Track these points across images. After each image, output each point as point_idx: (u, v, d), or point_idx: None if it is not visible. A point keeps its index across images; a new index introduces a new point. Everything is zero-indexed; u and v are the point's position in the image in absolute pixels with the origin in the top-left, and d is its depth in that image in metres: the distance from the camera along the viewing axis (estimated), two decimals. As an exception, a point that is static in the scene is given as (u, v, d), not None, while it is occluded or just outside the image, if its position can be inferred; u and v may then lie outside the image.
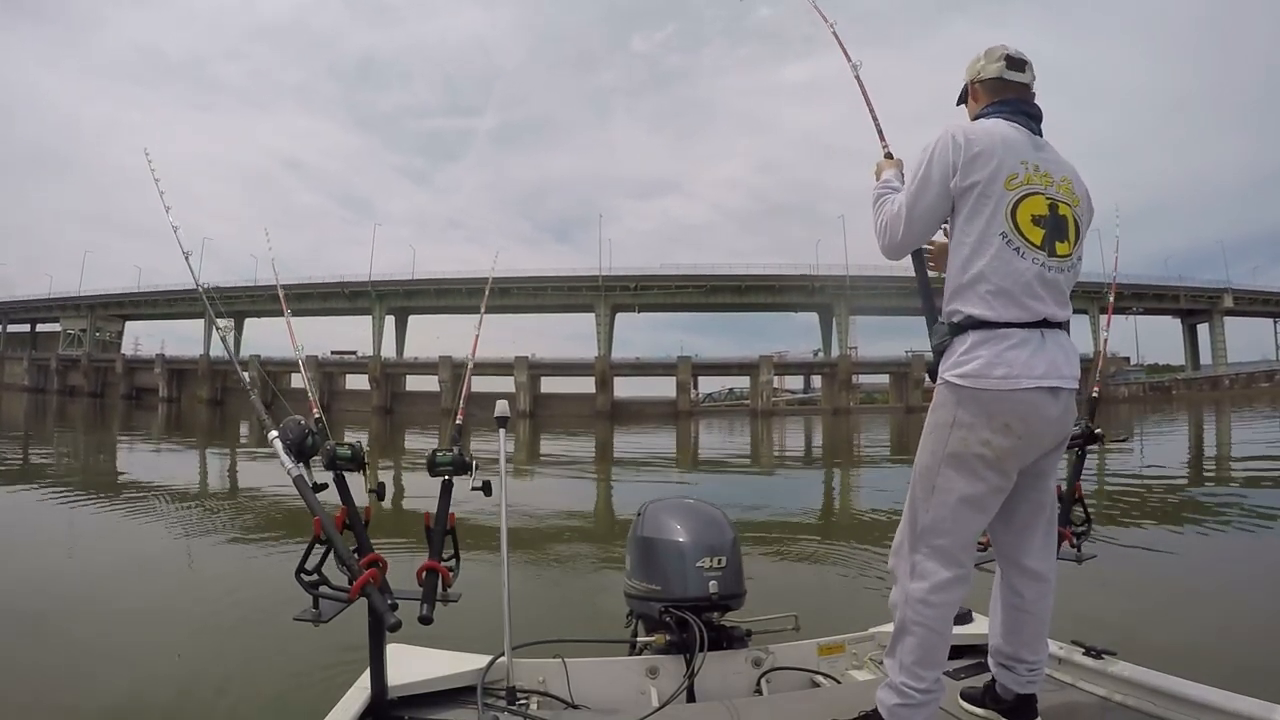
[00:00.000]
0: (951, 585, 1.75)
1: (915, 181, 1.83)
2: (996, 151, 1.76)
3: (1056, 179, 1.80)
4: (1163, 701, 1.91)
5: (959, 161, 1.75)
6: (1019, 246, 1.73)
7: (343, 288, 67.26)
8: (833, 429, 38.87)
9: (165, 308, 72.55)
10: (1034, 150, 1.81)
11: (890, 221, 1.88)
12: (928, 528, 1.77)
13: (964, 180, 1.75)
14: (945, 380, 1.76)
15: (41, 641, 4.55)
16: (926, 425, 1.82)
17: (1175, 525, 8.59)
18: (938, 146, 1.79)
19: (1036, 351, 1.71)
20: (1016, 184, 1.75)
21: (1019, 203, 1.75)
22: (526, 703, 2.12)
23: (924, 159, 1.81)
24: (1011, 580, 1.91)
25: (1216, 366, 63.71)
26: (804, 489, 14.91)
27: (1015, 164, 1.76)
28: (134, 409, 56.81)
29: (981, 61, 1.96)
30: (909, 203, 1.84)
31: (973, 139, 1.77)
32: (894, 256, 1.94)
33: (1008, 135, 1.80)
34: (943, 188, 1.78)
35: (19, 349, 79.01)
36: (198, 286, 2.26)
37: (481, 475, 2.10)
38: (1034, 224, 1.75)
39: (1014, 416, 1.70)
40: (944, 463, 1.75)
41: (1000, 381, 1.68)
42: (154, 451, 21.47)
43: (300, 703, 2.19)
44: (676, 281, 63.65)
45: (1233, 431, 26.37)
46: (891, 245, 1.91)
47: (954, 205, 1.80)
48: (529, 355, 60.42)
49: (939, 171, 1.78)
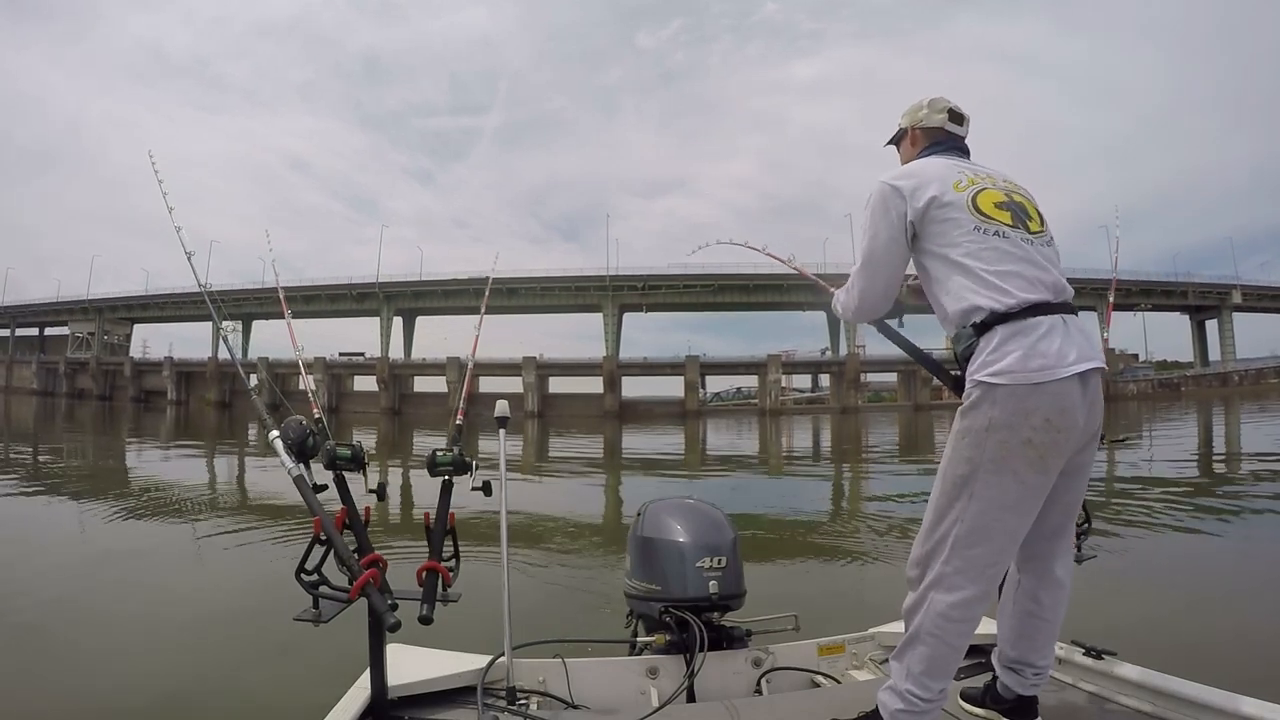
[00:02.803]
0: (977, 602, 1.68)
1: (865, 234, 1.88)
2: (936, 174, 1.83)
3: (999, 180, 1.86)
4: (1163, 702, 1.90)
5: (904, 195, 1.81)
6: (996, 229, 1.75)
7: (350, 289, 67.55)
8: (841, 428, 38.74)
9: (173, 310, 73.07)
10: (968, 165, 1.90)
11: (855, 277, 1.95)
12: (962, 538, 1.67)
13: (918, 202, 1.79)
14: (978, 381, 1.67)
15: (41, 642, 4.59)
16: (956, 430, 1.72)
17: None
18: (876, 198, 1.85)
19: (1065, 339, 1.66)
20: (964, 186, 1.80)
21: (976, 196, 1.78)
22: (526, 703, 2.12)
23: (866, 216, 1.87)
24: (1030, 586, 1.86)
25: (1225, 363, 63.41)
26: (811, 488, 14.86)
27: (953, 174, 1.83)
28: (143, 412, 57.06)
29: (925, 110, 2.03)
30: (865, 251, 1.88)
31: (908, 174, 1.86)
32: (875, 313, 2.03)
33: (938, 162, 1.89)
34: (896, 227, 1.83)
35: (28, 352, 79.55)
36: (200, 287, 2.28)
37: (481, 475, 2.10)
38: (998, 208, 1.78)
39: (1054, 410, 1.62)
40: (983, 469, 1.65)
41: (1038, 374, 1.62)
42: (164, 459, 21.52)
43: (300, 703, 2.19)
44: (684, 281, 63.62)
45: (1243, 428, 26.21)
46: (865, 298, 1.96)
47: (916, 236, 1.83)
48: (537, 356, 60.55)
49: (888, 214, 1.83)
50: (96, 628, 4.90)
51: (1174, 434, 24.73)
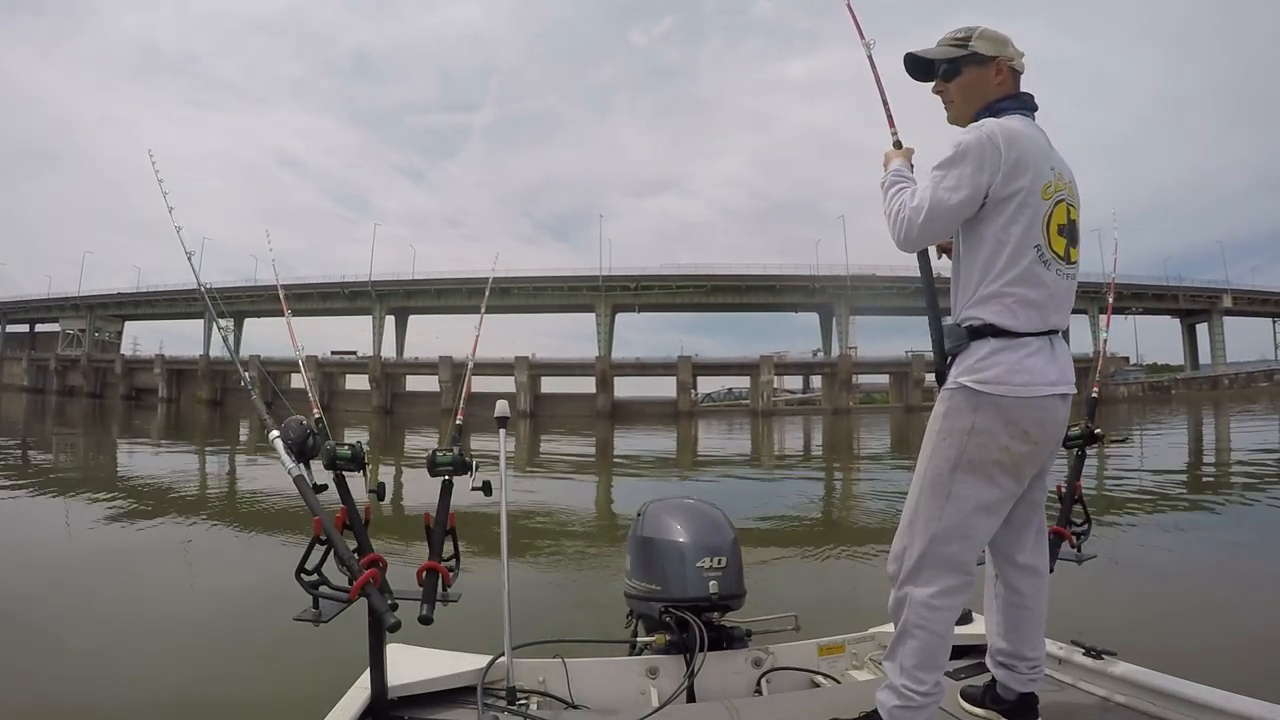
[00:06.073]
0: (957, 591, 1.75)
1: (949, 178, 1.72)
2: (1034, 158, 1.72)
3: (1068, 181, 1.80)
4: (1163, 701, 1.91)
5: (1001, 167, 1.69)
6: (1049, 259, 1.73)
7: (343, 288, 67.27)
8: (833, 429, 38.82)
9: (165, 308, 72.62)
10: (1051, 152, 1.80)
11: (910, 215, 1.76)
12: (939, 534, 1.74)
13: (1005, 187, 1.70)
14: (963, 385, 1.73)
15: (39, 643, 4.56)
16: (937, 430, 1.78)
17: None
18: (976, 148, 1.70)
19: (1049, 359, 1.74)
20: (1050, 192, 1.73)
21: (1053, 212, 1.74)
22: (526, 703, 2.11)
23: (959, 156, 1.71)
24: (1008, 577, 1.92)
25: (1215, 366, 63.76)
26: (804, 489, 14.89)
27: (1046, 170, 1.74)
28: (134, 409, 56.73)
29: (1011, 49, 1.87)
30: (937, 198, 1.73)
31: (1013, 142, 1.70)
32: (909, 249, 1.85)
33: (1036, 138, 1.78)
34: (977, 191, 1.71)
35: (18, 349, 78.97)
36: (200, 287, 2.26)
37: (481, 475, 2.10)
38: (1059, 234, 1.75)
39: (1033, 423, 1.72)
40: (961, 469, 1.73)
41: (1022, 389, 1.69)
42: (153, 454, 21.42)
43: (300, 703, 2.18)
44: (677, 281, 63.74)
45: (1232, 431, 26.37)
46: (909, 238, 1.79)
47: (984, 208, 1.74)
48: (529, 355, 60.45)
49: (979, 176, 1.69)
50: (96, 628, 4.87)
51: (1166, 435, 24.87)
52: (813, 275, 61.99)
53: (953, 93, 1.92)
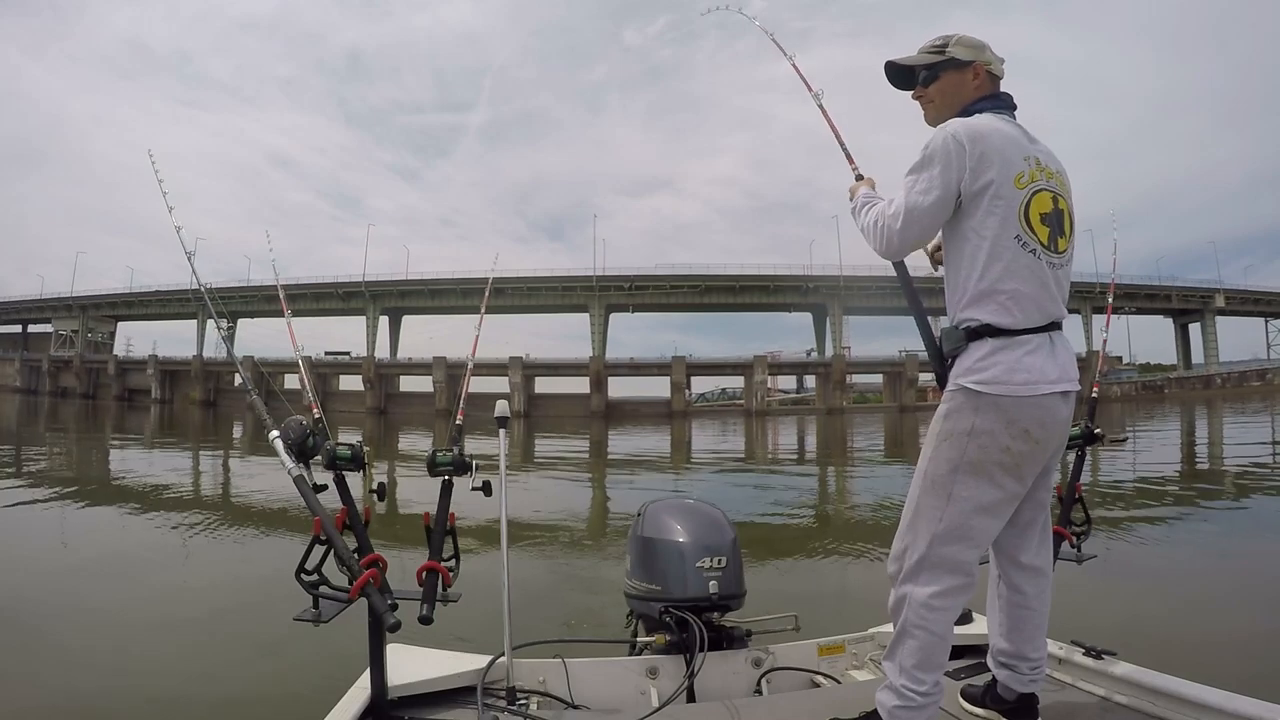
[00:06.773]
0: (957, 591, 1.75)
1: (920, 181, 1.76)
2: (1002, 149, 1.72)
3: (1053, 174, 1.79)
4: (1163, 702, 1.92)
5: (967, 163, 1.70)
6: (1034, 248, 1.72)
7: (336, 288, 67.15)
8: (827, 428, 38.87)
9: (158, 308, 72.42)
10: (1030, 143, 1.79)
11: (888, 222, 1.80)
12: (939, 535, 1.74)
13: (975, 182, 1.71)
14: (963, 386, 1.73)
15: (38, 644, 4.53)
16: (938, 431, 1.78)
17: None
18: (941, 149, 1.73)
19: (1049, 357, 1.72)
20: (1024, 182, 1.73)
21: (1031, 200, 1.73)
22: (526, 703, 2.11)
23: (927, 159, 1.75)
24: (1011, 577, 1.91)
25: (1208, 365, 64.08)
26: (801, 488, 14.90)
27: (1019, 160, 1.74)
28: (127, 410, 56.51)
29: (989, 53, 1.90)
30: (912, 202, 1.76)
31: (976, 138, 1.72)
32: (892, 256, 1.89)
33: (1005, 132, 1.77)
34: (948, 190, 1.73)
35: (11, 350, 78.64)
36: (200, 287, 2.25)
37: (481, 475, 2.10)
38: (1041, 222, 1.74)
39: (1034, 422, 1.70)
40: (962, 470, 1.73)
41: (1022, 388, 1.68)
42: (147, 454, 21.33)
43: (300, 703, 2.18)
44: (671, 281, 63.79)
45: (1225, 429, 26.48)
46: (890, 245, 1.83)
47: (960, 206, 1.75)
48: (523, 355, 60.45)
49: (948, 175, 1.72)
50: (96, 628, 4.85)
51: (1160, 435, 24.95)
52: (806, 275, 62.15)
53: (932, 96, 1.96)
